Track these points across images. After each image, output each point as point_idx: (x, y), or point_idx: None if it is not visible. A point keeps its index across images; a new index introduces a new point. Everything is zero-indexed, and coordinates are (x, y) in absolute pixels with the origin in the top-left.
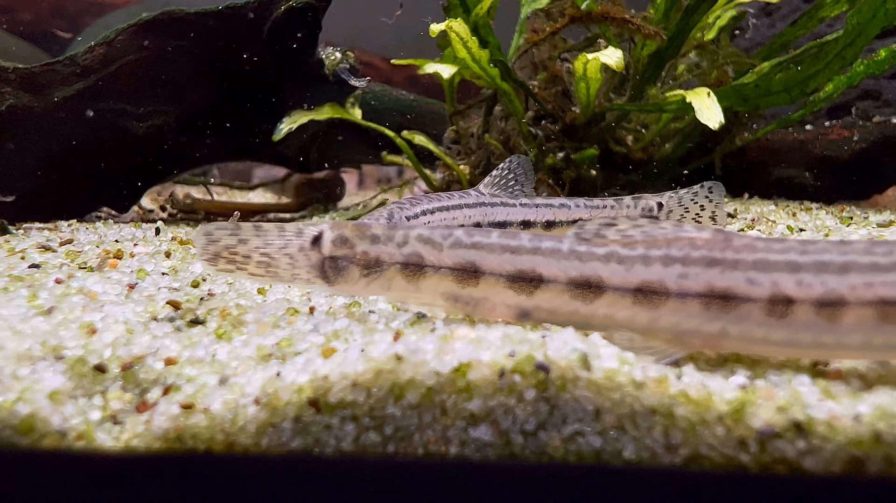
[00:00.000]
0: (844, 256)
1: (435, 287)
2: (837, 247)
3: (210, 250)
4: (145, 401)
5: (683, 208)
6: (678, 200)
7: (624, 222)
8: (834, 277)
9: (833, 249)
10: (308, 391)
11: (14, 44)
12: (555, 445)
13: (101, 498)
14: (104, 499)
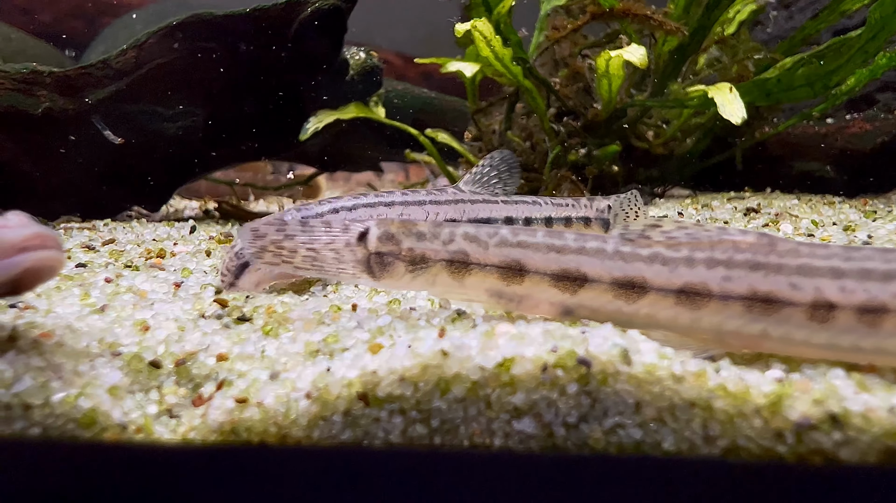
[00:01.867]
0: (888, 264)
1: (479, 284)
2: (882, 254)
3: (256, 244)
4: (200, 395)
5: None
6: (619, 203)
7: (669, 223)
8: (877, 285)
9: (877, 257)
10: (357, 385)
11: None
12: (596, 437)
13: (161, 488)
14: (163, 489)
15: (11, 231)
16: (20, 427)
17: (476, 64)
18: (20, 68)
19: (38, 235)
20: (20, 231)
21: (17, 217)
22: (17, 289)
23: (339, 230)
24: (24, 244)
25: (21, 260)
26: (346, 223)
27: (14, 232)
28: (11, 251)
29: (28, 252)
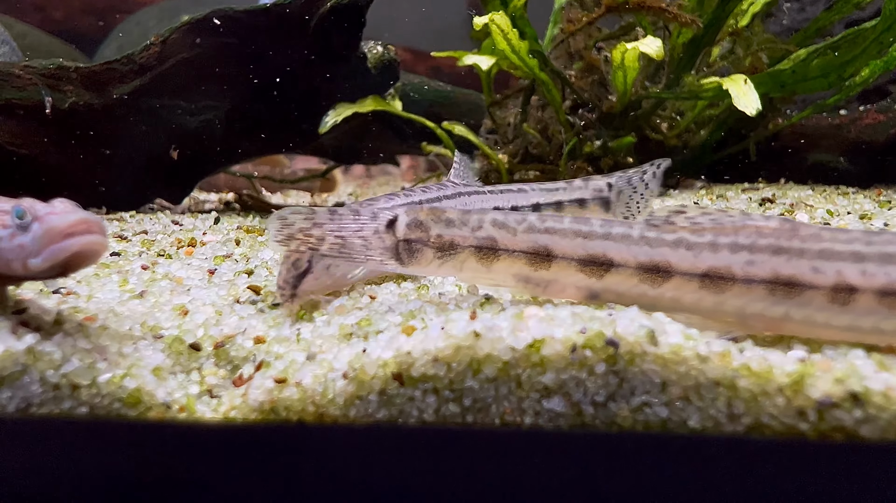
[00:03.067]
0: None
1: (507, 269)
2: None
3: (284, 233)
4: (240, 376)
5: (632, 187)
6: (627, 180)
7: (693, 209)
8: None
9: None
10: (392, 366)
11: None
12: (624, 415)
13: (204, 464)
14: (207, 465)
15: (59, 217)
16: (68, 406)
17: (492, 57)
18: (47, 64)
19: (84, 221)
20: (67, 217)
21: (63, 204)
22: (65, 271)
23: (368, 218)
24: (72, 229)
25: (69, 244)
26: (374, 211)
27: (62, 218)
28: (59, 236)
29: (75, 237)
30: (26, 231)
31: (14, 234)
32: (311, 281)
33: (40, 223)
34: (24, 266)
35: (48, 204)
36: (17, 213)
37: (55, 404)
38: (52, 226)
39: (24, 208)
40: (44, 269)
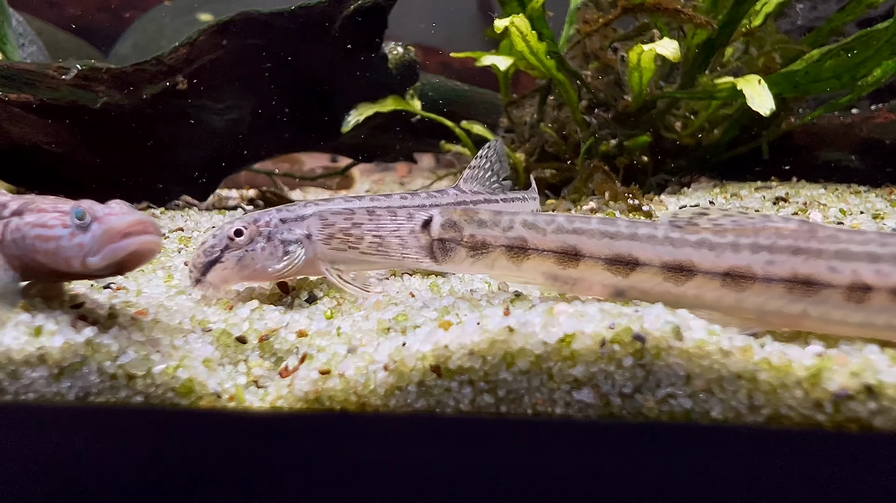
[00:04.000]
0: None
1: (536, 267)
2: None
3: (325, 232)
4: (286, 367)
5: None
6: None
7: (715, 211)
8: None
9: None
10: (430, 359)
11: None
12: (650, 406)
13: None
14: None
15: (118, 218)
16: (124, 395)
17: (509, 58)
18: (80, 65)
19: (141, 221)
20: (126, 217)
21: (120, 205)
22: (121, 270)
23: (404, 218)
24: (129, 229)
25: (127, 244)
26: (410, 212)
27: (120, 218)
28: (118, 236)
29: (132, 237)
30: (86, 231)
31: (74, 234)
32: (220, 270)
33: (99, 223)
34: (82, 264)
35: (105, 205)
36: (77, 213)
37: (112, 393)
38: (111, 226)
39: (84, 209)
40: (101, 268)
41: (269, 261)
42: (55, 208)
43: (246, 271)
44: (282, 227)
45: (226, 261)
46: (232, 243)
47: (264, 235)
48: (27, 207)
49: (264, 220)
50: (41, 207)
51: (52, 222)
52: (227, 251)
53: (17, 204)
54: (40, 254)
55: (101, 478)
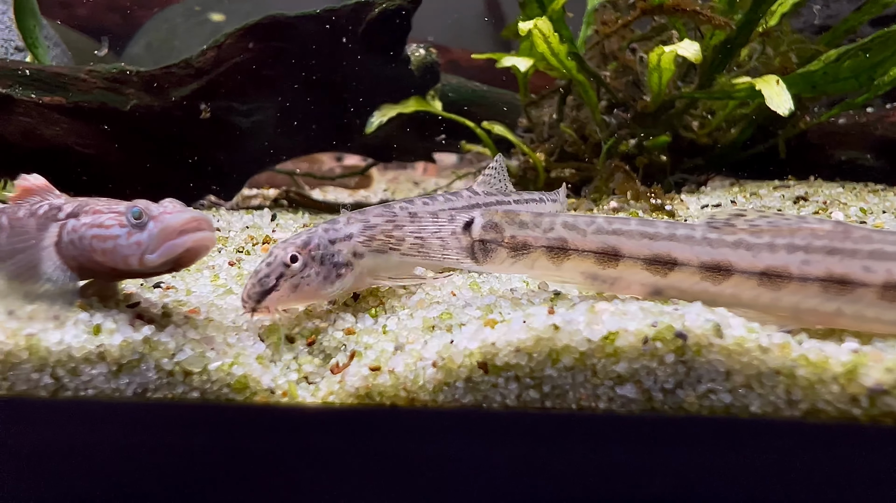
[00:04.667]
0: None
1: (576, 267)
2: None
3: (367, 233)
4: (337, 363)
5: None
6: None
7: (752, 212)
8: None
9: None
10: (478, 355)
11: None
12: (690, 401)
13: (307, 444)
14: (310, 445)
15: (174, 216)
16: (181, 391)
17: (529, 59)
18: (110, 68)
19: (196, 218)
20: (182, 215)
21: (173, 204)
22: (176, 267)
23: (446, 220)
24: (185, 227)
25: (183, 241)
26: (451, 214)
27: (176, 216)
28: (175, 233)
29: (189, 233)
30: (142, 229)
31: (131, 233)
32: (276, 299)
33: (156, 222)
34: (140, 262)
35: (159, 204)
36: (135, 213)
37: (169, 389)
38: (168, 224)
39: (141, 208)
40: (159, 265)
41: (322, 285)
42: (110, 209)
43: (300, 296)
44: (331, 249)
45: (281, 290)
46: (287, 270)
47: (316, 259)
48: (82, 209)
49: (315, 242)
50: (96, 209)
51: (108, 222)
52: (282, 279)
53: (71, 206)
54: (98, 254)
55: (159, 471)
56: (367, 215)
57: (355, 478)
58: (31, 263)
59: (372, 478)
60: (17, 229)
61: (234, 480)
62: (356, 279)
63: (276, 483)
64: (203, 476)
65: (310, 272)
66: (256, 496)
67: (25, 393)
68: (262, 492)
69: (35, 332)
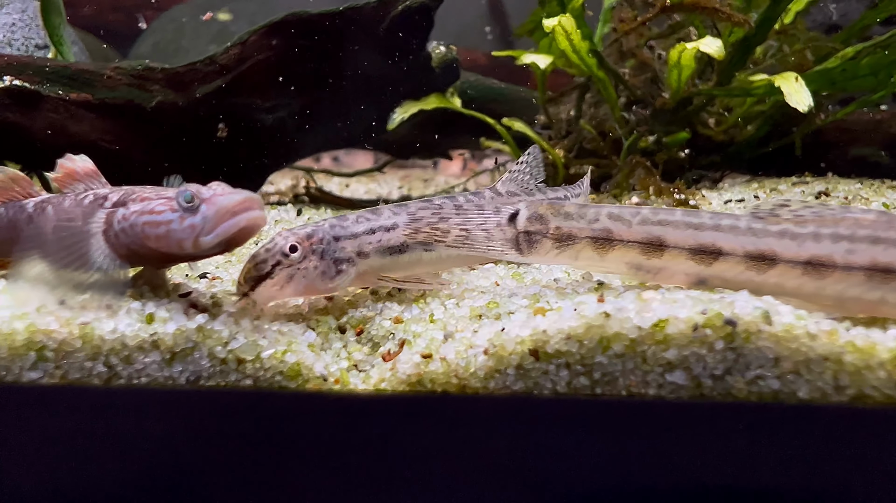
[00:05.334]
0: None
1: (621, 258)
2: None
3: (412, 226)
4: (389, 351)
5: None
6: None
7: (796, 202)
8: None
9: None
10: (529, 343)
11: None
12: (739, 387)
13: (360, 431)
14: (362, 431)
15: (227, 197)
16: (234, 379)
17: (549, 56)
18: (135, 65)
19: (248, 198)
20: (234, 196)
21: (221, 186)
22: (229, 247)
23: (491, 212)
24: (239, 207)
25: (237, 220)
26: (497, 206)
27: (229, 197)
28: (229, 214)
29: (242, 213)
30: (195, 213)
31: (184, 217)
32: (269, 287)
33: (209, 204)
34: (194, 244)
35: (207, 187)
36: (186, 196)
37: (222, 377)
38: (223, 205)
39: (192, 192)
40: (213, 246)
41: (319, 280)
42: (159, 195)
43: (295, 288)
44: (335, 245)
45: (276, 278)
46: (285, 260)
47: (317, 253)
48: (129, 197)
49: (318, 236)
50: (144, 196)
51: (159, 208)
52: (278, 267)
53: (117, 195)
54: (151, 240)
55: (212, 459)
56: (411, 207)
57: (408, 465)
58: (80, 252)
59: (424, 464)
60: (63, 220)
61: (287, 467)
62: (358, 277)
63: (330, 468)
64: (257, 463)
65: (307, 265)
66: (311, 482)
67: (79, 381)
68: (315, 478)
69: (89, 321)
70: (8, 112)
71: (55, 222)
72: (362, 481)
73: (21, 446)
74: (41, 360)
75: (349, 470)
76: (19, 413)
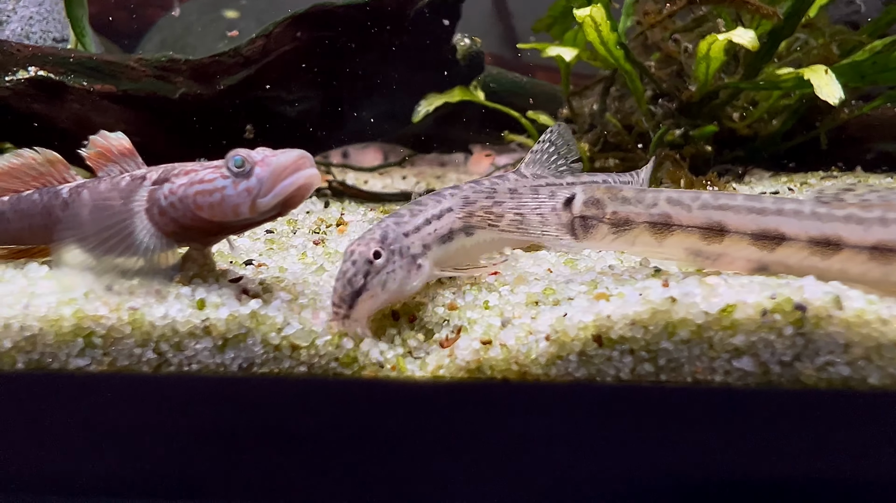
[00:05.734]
0: None
1: (679, 243)
2: None
3: (466, 210)
4: (447, 337)
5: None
6: None
7: (861, 187)
8: None
9: None
10: (592, 329)
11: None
12: (808, 374)
13: (418, 417)
14: (420, 418)
15: (281, 157)
16: (287, 366)
17: (574, 49)
18: (159, 57)
19: (302, 157)
20: (288, 155)
21: (266, 148)
22: (286, 208)
23: (546, 196)
24: (294, 165)
25: (296, 178)
26: (552, 190)
27: (284, 157)
28: (286, 173)
29: (298, 171)
30: (248, 176)
31: (237, 182)
32: (367, 299)
33: (262, 166)
34: (251, 208)
35: (255, 151)
36: (237, 161)
37: (275, 364)
38: (279, 164)
39: (242, 156)
40: (271, 208)
41: (406, 279)
42: (204, 166)
43: (388, 294)
44: (405, 241)
45: (371, 289)
46: (372, 267)
47: (396, 252)
48: (170, 174)
49: (390, 236)
50: (188, 169)
51: (209, 176)
52: (369, 277)
53: (156, 173)
54: (205, 210)
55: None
56: (465, 191)
57: (467, 452)
58: (124, 233)
59: (484, 451)
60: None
61: (343, 454)
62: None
63: (386, 456)
64: (311, 451)
65: (394, 266)
66: (370, 470)
67: (127, 368)
68: (373, 465)
69: (138, 307)
70: (34, 102)
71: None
72: (421, 469)
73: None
74: (89, 347)
75: (406, 457)
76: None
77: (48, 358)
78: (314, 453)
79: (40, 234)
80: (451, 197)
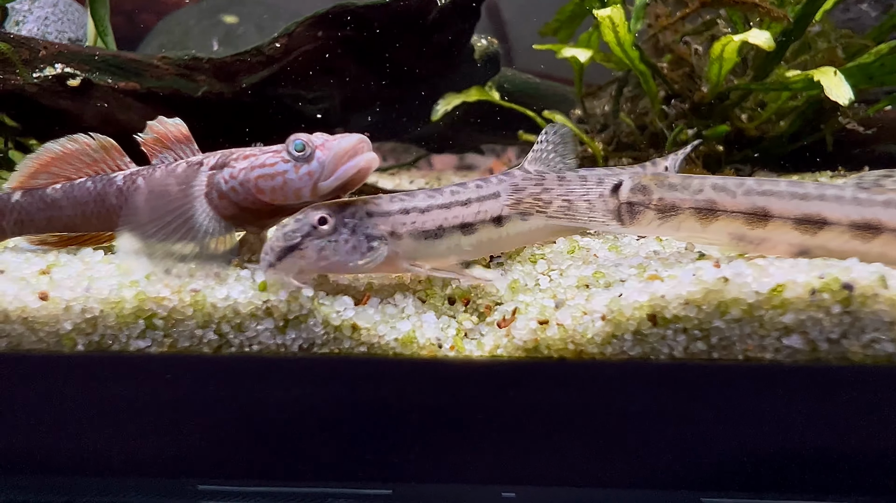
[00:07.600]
0: None
1: (724, 228)
2: None
3: (514, 197)
4: (504, 317)
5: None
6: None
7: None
8: None
9: None
10: (646, 308)
11: None
12: (854, 351)
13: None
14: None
15: (342, 141)
16: (347, 346)
17: (588, 50)
18: (182, 55)
19: (361, 141)
20: (348, 139)
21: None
22: (346, 190)
23: (594, 183)
24: (354, 149)
25: (357, 161)
26: (600, 177)
27: (344, 141)
28: (347, 156)
29: (358, 155)
30: (310, 160)
31: (298, 166)
32: (297, 258)
33: (323, 150)
34: (312, 191)
35: (315, 135)
36: (297, 146)
37: (335, 344)
38: (340, 148)
39: (303, 141)
40: (332, 190)
41: (349, 255)
42: (263, 151)
43: (323, 262)
44: (367, 221)
45: (305, 249)
46: (315, 231)
47: (349, 227)
48: (229, 159)
49: (350, 210)
50: (247, 154)
51: (270, 160)
52: (307, 238)
53: (214, 159)
54: (266, 193)
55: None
56: (415, 198)
57: (525, 429)
58: (184, 218)
59: (542, 428)
60: (156, 190)
61: (404, 434)
62: (388, 261)
63: (446, 434)
64: (372, 430)
65: (339, 238)
66: (429, 448)
67: (188, 350)
68: (433, 444)
69: (200, 289)
70: (60, 99)
71: (146, 195)
72: (481, 446)
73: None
74: (150, 328)
75: (466, 435)
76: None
77: (109, 339)
78: (375, 432)
79: (93, 221)
80: (451, 195)
